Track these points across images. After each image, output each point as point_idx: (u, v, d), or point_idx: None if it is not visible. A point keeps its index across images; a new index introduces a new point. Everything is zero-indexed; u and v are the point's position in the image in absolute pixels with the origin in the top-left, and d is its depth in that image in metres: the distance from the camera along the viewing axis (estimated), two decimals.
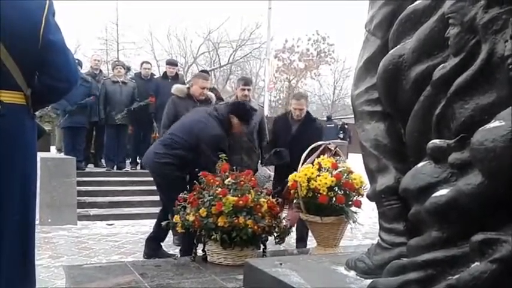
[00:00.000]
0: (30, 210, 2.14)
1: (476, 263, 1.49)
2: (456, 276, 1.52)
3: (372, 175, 2.26)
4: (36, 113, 7.84)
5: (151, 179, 4.87)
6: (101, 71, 9.14)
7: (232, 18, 35.25)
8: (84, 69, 9.29)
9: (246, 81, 5.61)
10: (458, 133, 1.64)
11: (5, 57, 1.97)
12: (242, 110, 4.45)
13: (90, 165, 8.59)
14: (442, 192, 1.59)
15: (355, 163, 4.02)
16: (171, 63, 8.66)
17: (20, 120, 2.07)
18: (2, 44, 1.95)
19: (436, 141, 1.70)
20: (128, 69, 9.56)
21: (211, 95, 5.42)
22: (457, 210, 1.56)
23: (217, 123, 4.24)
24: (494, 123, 1.47)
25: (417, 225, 1.78)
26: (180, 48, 29.71)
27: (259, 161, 5.53)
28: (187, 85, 5.39)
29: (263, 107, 8.26)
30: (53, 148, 9.33)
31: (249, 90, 5.48)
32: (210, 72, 11.07)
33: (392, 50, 1.96)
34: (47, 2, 2.10)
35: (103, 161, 8.72)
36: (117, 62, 9.63)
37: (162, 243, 4.56)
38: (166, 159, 4.15)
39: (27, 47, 2.03)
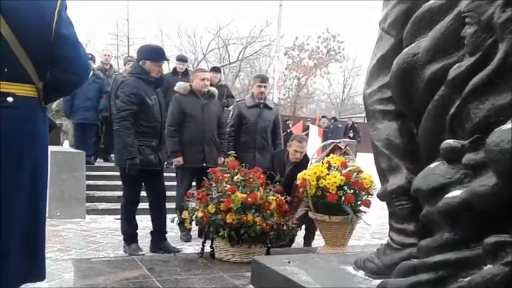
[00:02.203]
0: (40, 201, 2.15)
1: (488, 266, 1.48)
2: (468, 278, 1.51)
3: (383, 175, 2.24)
4: (53, 106, 7.79)
5: None
6: (111, 66, 9.15)
7: (242, 15, 35.25)
8: (95, 64, 9.31)
9: (263, 79, 5.67)
10: (473, 133, 1.61)
11: (18, 51, 1.98)
12: (148, 51, 4.48)
13: (99, 160, 8.62)
14: (455, 193, 1.57)
15: (364, 162, 4.00)
16: (181, 59, 8.66)
17: (32, 112, 2.08)
18: (15, 38, 1.96)
19: (450, 142, 1.68)
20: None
21: (213, 89, 5.38)
22: (470, 211, 1.54)
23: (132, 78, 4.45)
24: (510, 124, 1.45)
25: (428, 226, 1.77)
26: (190, 44, 29.79)
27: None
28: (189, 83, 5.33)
29: (279, 105, 8.23)
30: (66, 143, 9.30)
31: (265, 87, 5.52)
32: (221, 69, 11.01)
33: (406, 49, 1.94)
34: None
35: (112, 155, 8.74)
36: (129, 58, 9.62)
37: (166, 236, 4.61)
38: None
39: (40, 41, 2.04)
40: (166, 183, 5.05)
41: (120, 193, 5.38)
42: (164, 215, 4.59)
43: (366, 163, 3.59)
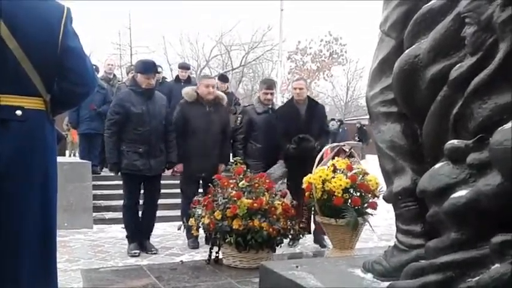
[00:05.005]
0: (51, 215, 2.15)
1: (496, 265, 1.47)
2: (476, 278, 1.50)
3: (388, 176, 2.23)
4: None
5: (165, 182, 4.93)
6: (114, 75, 9.19)
7: (244, 20, 35.37)
8: (99, 74, 9.36)
9: (269, 85, 5.52)
10: (476, 133, 1.61)
11: (25, 65, 2.00)
12: (139, 65, 4.86)
13: (105, 169, 8.63)
14: (461, 193, 1.57)
15: (373, 164, 3.99)
16: (183, 66, 8.69)
17: (40, 125, 2.10)
18: (22, 52, 1.98)
19: (454, 142, 1.68)
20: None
21: (223, 95, 5.31)
22: (477, 211, 1.54)
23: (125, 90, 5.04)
24: None
25: (435, 227, 1.76)
26: (192, 51, 29.90)
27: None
28: (195, 88, 5.21)
29: None
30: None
31: (272, 94, 5.43)
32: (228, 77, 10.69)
33: (407, 50, 1.95)
34: (65, 9, 2.13)
35: None
36: (132, 67, 9.64)
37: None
38: None
39: (47, 54, 2.06)
40: (171, 190, 5.05)
41: None
42: (152, 220, 4.90)
43: (375, 165, 3.58)
